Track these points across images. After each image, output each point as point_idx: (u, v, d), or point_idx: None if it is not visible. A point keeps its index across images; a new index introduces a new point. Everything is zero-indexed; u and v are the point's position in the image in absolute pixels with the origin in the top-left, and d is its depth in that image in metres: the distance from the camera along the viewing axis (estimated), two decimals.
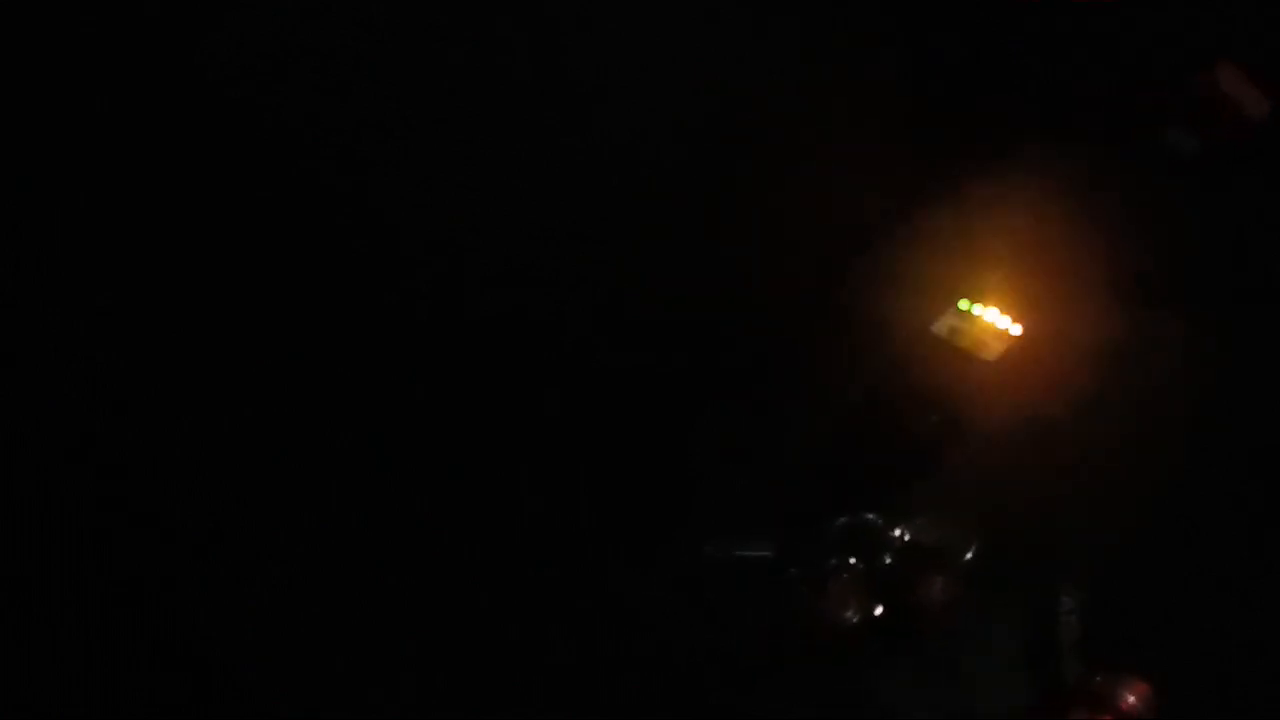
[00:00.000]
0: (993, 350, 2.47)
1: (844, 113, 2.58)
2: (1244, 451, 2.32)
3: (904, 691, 2.22)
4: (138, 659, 2.26)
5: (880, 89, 2.60)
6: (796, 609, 2.25)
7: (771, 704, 2.22)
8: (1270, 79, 2.55)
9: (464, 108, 2.52)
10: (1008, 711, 2.21)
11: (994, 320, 2.49)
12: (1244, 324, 2.43)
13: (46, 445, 2.31)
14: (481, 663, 2.27)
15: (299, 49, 2.43)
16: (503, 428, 2.45)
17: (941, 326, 2.49)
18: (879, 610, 2.25)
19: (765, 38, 2.57)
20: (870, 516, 2.30)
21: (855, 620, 2.24)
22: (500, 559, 2.34)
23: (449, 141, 2.51)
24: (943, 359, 2.47)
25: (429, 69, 2.49)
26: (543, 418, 2.45)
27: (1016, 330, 2.48)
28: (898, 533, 2.29)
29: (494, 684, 2.26)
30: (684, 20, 2.56)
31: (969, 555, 2.27)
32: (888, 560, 2.28)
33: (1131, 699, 2.13)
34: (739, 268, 2.50)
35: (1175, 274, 2.50)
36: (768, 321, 2.48)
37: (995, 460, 2.39)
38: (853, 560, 2.27)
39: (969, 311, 2.49)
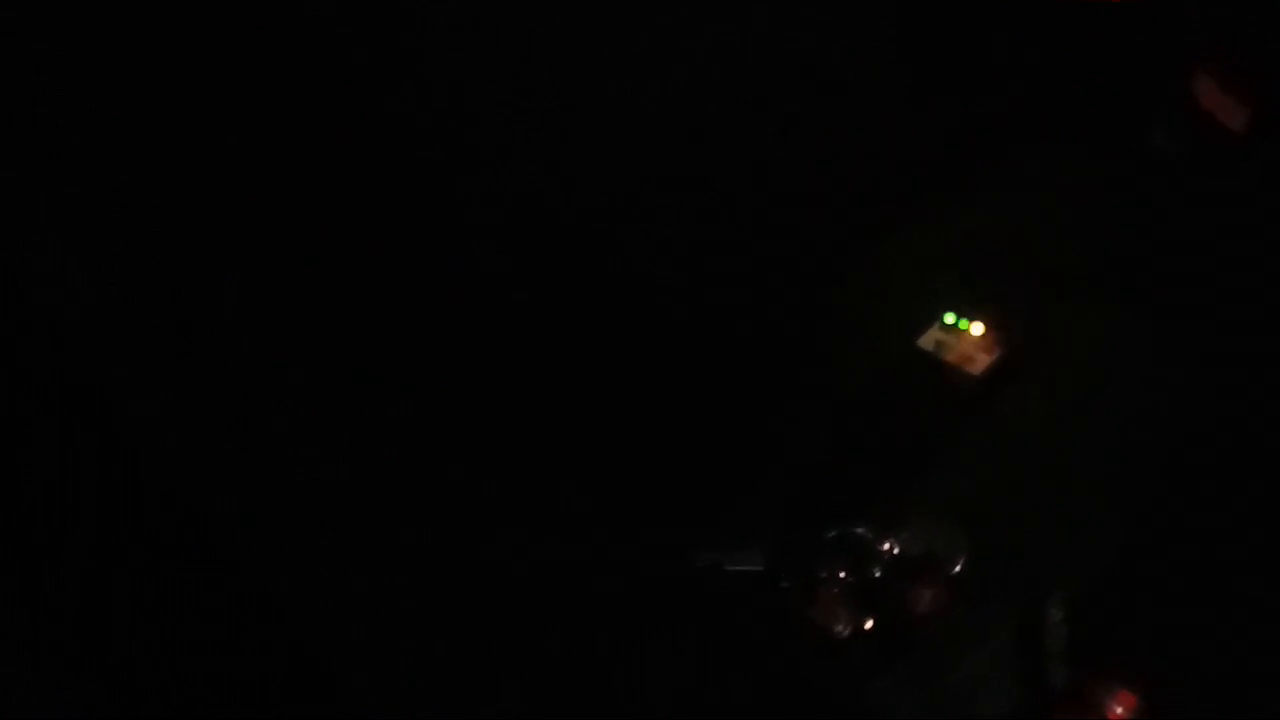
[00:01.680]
0: (979, 363, 2.50)
1: (830, 126, 2.60)
2: (1233, 458, 2.34)
3: (893, 701, 2.24)
4: (135, 658, 2.28)
5: (866, 102, 2.63)
6: (787, 621, 2.28)
7: (762, 715, 2.25)
8: (1250, 87, 2.57)
9: (463, 108, 2.53)
10: (995, 719, 2.24)
11: (979, 334, 2.51)
12: (1234, 332, 2.46)
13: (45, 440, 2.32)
14: (477, 663, 2.29)
15: (295, 49, 2.44)
16: (494, 431, 2.47)
17: (928, 340, 2.52)
18: (869, 622, 2.27)
19: (747, 58, 2.59)
20: (859, 529, 2.32)
21: (845, 632, 2.26)
22: (490, 563, 2.36)
23: (449, 141, 2.52)
24: (929, 372, 2.49)
25: (428, 68, 2.50)
26: (529, 427, 2.47)
27: (1002, 344, 2.50)
28: (886, 545, 2.31)
29: (487, 684, 2.29)
30: (666, 27, 2.58)
31: (958, 566, 2.30)
32: (877, 572, 2.30)
33: (1118, 709, 2.16)
34: (724, 282, 2.53)
35: (1164, 284, 2.53)
36: (753, 336, 2.50)
37: (982, 471, 2.41)
38: (842, 573, 2.30)
39: (955, 325, 2.52)
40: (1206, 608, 2.25)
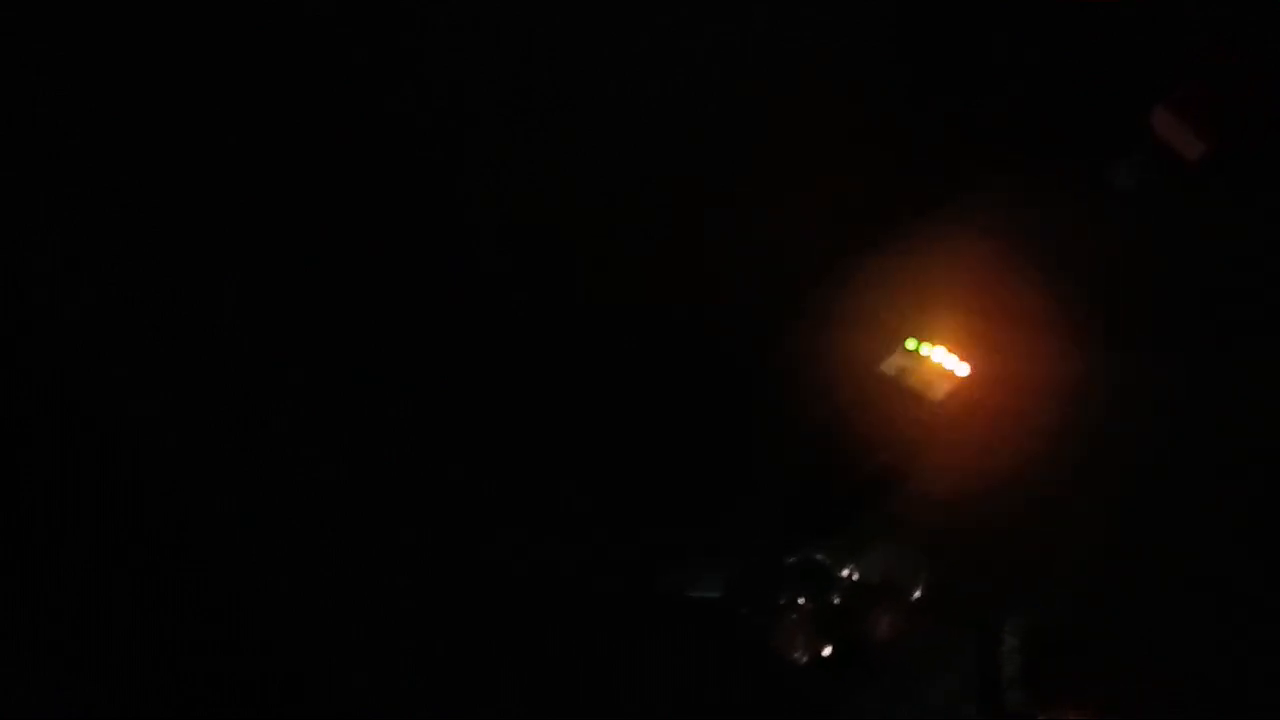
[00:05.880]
0: (940, 390, 2.51)
1: (790, 154, 2.60)
2: (1194, 486, 2.36)
3: None
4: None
5: (828, 131, 2.63)
6: (746, 648, 2.29)
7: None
8: (1210, 118, 2.59)
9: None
10: None
11: (941, 360, 2.53)
12: (1190, 359, 2.47)
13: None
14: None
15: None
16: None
17: (890, 366, 2.53)
18: (827, 650, 2.28)
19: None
20: (819, 556, 2.33)
21: (804, 660, 2.27)
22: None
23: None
24: (891, 398, 2.50)
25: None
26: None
27: (964, 370, 2.52)
28: (846, 572, 2.32)
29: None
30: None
31: (917, 593, 2.31)
32: (836, 600, 2.30)
33: None
34: (687, 308, 2.53)
35: (1119, 311, 2.54)
36: (716, 361, 2.51)
37: (943, 497, 2.43)
38: (801, 600, 2.30)
39: (916, 351, 2.53)
40: (1163, 635, 2.26)
